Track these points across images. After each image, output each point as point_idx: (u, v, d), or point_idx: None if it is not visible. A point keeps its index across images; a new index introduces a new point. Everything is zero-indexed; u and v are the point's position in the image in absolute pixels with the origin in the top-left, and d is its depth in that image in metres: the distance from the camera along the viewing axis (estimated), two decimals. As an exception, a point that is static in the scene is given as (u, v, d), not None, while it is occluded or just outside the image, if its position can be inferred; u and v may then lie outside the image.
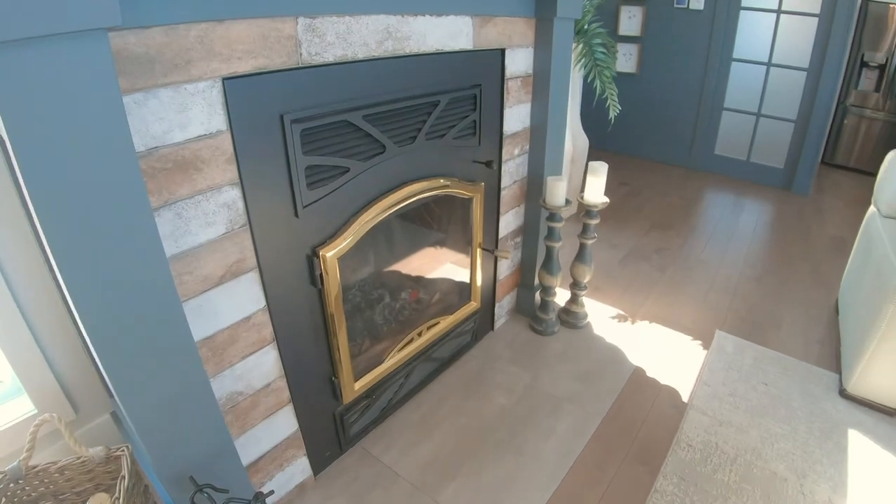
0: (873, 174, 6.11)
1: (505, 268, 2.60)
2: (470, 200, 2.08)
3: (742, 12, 4.88)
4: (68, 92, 0.80)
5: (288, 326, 1.50)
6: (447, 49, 1.67)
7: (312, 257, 1.49)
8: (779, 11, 4.76)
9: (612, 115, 3.37)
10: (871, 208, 2.97)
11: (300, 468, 1.76)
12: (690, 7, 5.00)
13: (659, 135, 5.57)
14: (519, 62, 2.06)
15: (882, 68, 5.74)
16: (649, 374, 2.52)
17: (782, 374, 2.61)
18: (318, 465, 1.84)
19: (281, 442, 1.64)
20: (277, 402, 1.56)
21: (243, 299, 1.35)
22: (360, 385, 1.84)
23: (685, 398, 2.39)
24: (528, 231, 2.62)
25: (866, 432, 2.27)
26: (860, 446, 2.20)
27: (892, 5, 5.45)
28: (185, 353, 1.14)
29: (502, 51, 1.93)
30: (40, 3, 0.72)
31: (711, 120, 5.30)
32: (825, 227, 4.45)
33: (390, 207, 1.66)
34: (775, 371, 2.62)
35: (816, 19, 4.62)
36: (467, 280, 2.30)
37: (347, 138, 1.46)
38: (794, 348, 2.81)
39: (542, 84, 2.17)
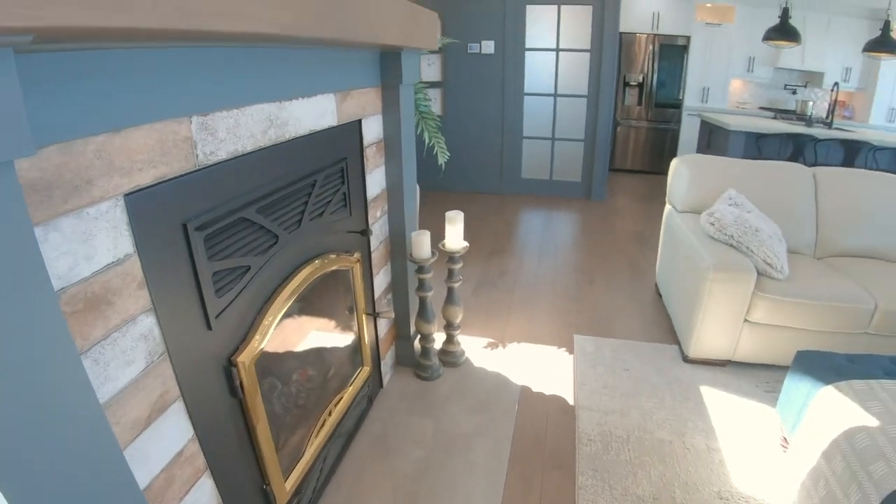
0: (648, 172, 7.29)
1: (383, 325, 2.61)
2: (351, 271, 2.07)
3: (527, 53, 5.61)
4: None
5: (217, 448, 1.37)
6: (318, 128, 1.67)
7: (229, 367, 1.39)
8: (557, 50, 5.58)
9: (441, 161, 3.56)
10: (668, 206, 3.53)
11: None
12: (483, 52, 5.59)
13: (471, 168, 6.00)
14: (372, 130, 2.12)
15: (640, 85, 6.99)
16: (535, 389, 2.69)
17: (636, 358, 2.98)
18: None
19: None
20: (217, 530, 1.41)
21: (173, 434, 1.21)
22: (290, 485, 1.73)
23: (571, 401, 2.61)
24: (397, 286, 2.66)
25: (712, 384, 2.78)
26: (711, 397, 2.68)
27: (637, 34, 6.63)
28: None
29: (359, 121, 1.98)
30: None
31: (514, 148, 5.88)
32: (626, 224, 5.14)
33: (290, 297, 1.61)
34: (630, 356, 2.99)
35: (588, 53, 5.51)
36: (357, 347, 2.28)
37: (245, 235, 1.39)
38: (636, 333, 3.22)
39: (393, 146, 2.26)
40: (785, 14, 5.57)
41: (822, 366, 2.17)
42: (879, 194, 3.30)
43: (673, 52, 7.06)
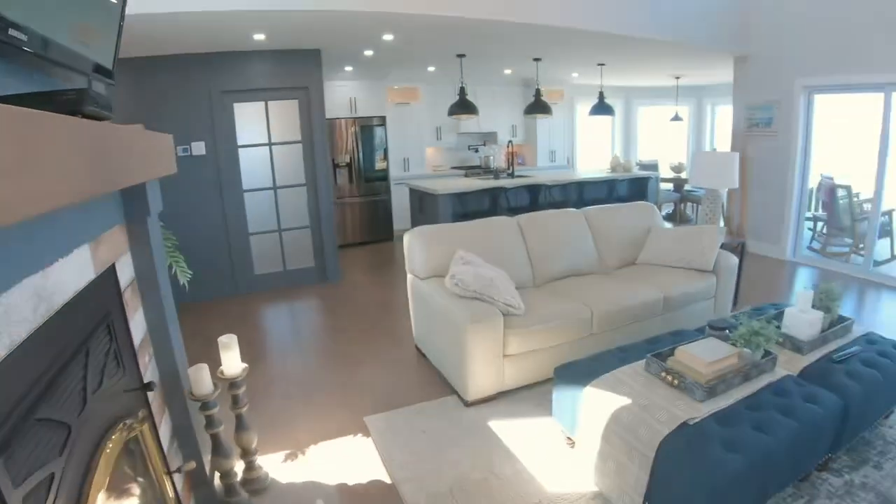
0: (370, 242, 7.75)
1: (177, 479, 2.38)
2: (140, 433, 1.88)
3: (241, 150, 5.58)
4: None
5: None
6: (80, 287, 1.53)
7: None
8: (270, 144, 5.70)
9: (183, 280, 3.38)
10: (410, 276, 3.89)
11: None
12: (194, 153, 5.36)
13: (204, 276, 5.62)
14: (126, 271, 1.97)
15: (349, 165, 7.49)
16: (350, 483, 2.69)
17: (427, 418, 3.19)
18: None
19: None
20: None
21: None
22: None
23: (388, 480, 2.68)
24: (182, 430, 2.45)
25: (496, 417, 3.15)
26: (499, 428, 3.04)
27: (339, 119, 7.13)
28: None
29: (113, 266, 1.84)
30: None
31: (242, 246, 5.75)
32: (369, 297, 5.40)
33: (98, 488, 1.43)
34: (421, 419, 3.19)
35: (301, 144, 5.73)
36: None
37: (40, 439, 1.21)
38: (416, 395, 3.45)
39: (149, 283, 2.12)
40: (462, 92, 6.65)
41: (577, 373, 2.65)
42: (565, 225, 4.20)
43: (372, 131, 7.83)
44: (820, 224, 7.39)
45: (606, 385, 2.49)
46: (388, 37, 5.18)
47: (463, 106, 6.60)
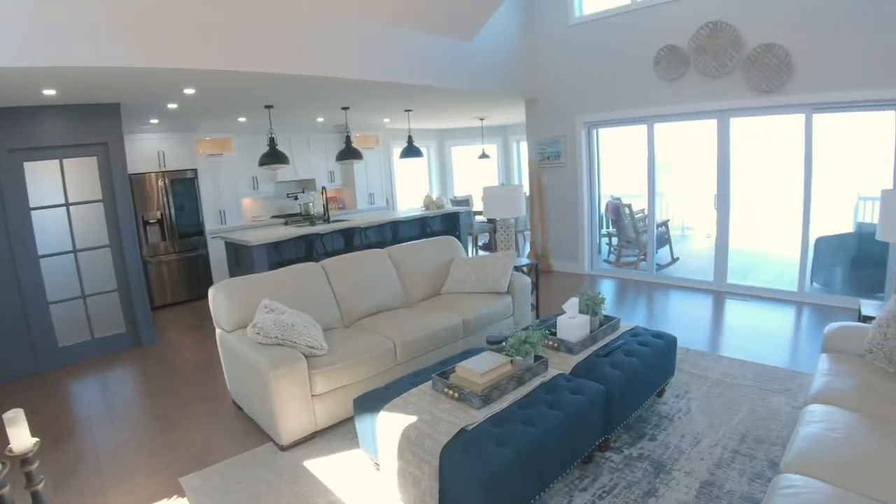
0: (190, 300, 7.46)
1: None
2: None
3: (33, 213, 5.12)
4: None
5: None
6: None
7: None
8: (67, 204, 5.33)
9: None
10: (218, 330, 3.92)
11: None
12: None
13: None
14: None
15: (160, 221, 7.17)
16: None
17: (243, 469, 3.24)
18: None
19: None
20: None
21: None
22: None
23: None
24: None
25: (311, 457, 3.27)
26: (315, 467, 3.16)
27: (147, 174, 6.84)
28: None
29: None
30: None
31: (41, 318, 5.22)
32: (186, 357, 5.28)
33: None
34: (237, 471, 3.22)
35: (102, 203, 5.44)
36: None
37: None
38: (233, 449, 3.49)
39: None
40: (272, 143, 6.74)
41: (373, 400, 2.91)
42: (370, 265, 4.52)
43: (184, 184, 7.58)
44: (615, 239, 8.43)
45: (397, 408, 2.75)
46: (189, 91, 5.19)
47: (273, 156, 6.70)
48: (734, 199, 6.50)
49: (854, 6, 5.20)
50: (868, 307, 3.79)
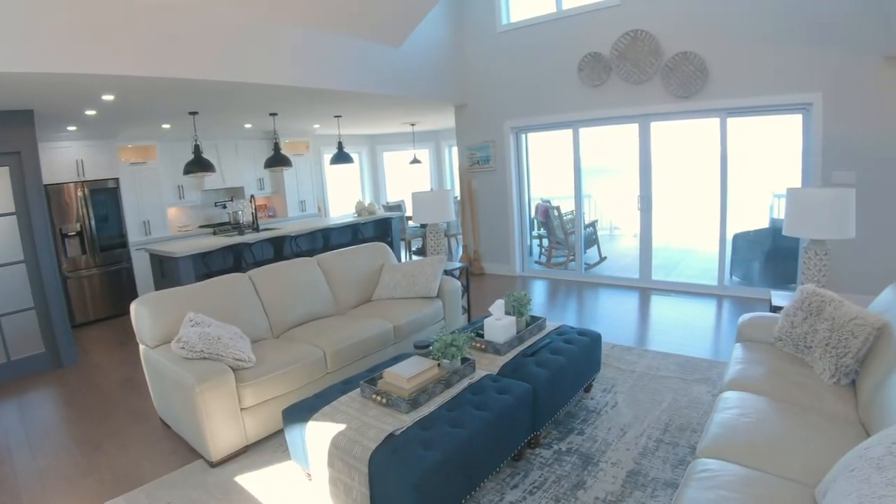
0: (115, 316, 7.15)
1: None
2: None
3: None
4: None
5: None
6: None
7: None
8: None
9: None
10: (141, 346, 3.77)
11: None
12: None
13: None
14: None
15: (80, 234, 6.80)
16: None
17: (172, 488, 3.12)
18: None
19: None
20: None
21: None
22: None
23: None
24: None
25: (243, 471, 3.18)
26: (247, 482, 3.09)
27: (65, 184, 6.49)
28: None
29: None
30: None
31: None
32: (110, 376, 5.04)
33: None
34: (165, 491, 3.09)
35: (15, 216, 5.11)
36: None
37: None
38: (162, 468, 3.34)
39: None
40: (197, 150, 6.51)
41: (302, 410, 2.86)
42: (298, 273, 4.44)
43: (105, 194, 7.22)
44: (545, 241, 8.62)
45: (326, 417, 2.72)
46: (108, 97, 4.97)
47: (199, 164, 6.49)
48: (657, 200, 6.78)
49: (764, 19, 5.57)
50: (778, 298, 4.03)
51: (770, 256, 6.67)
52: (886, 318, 2.70)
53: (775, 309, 3.86)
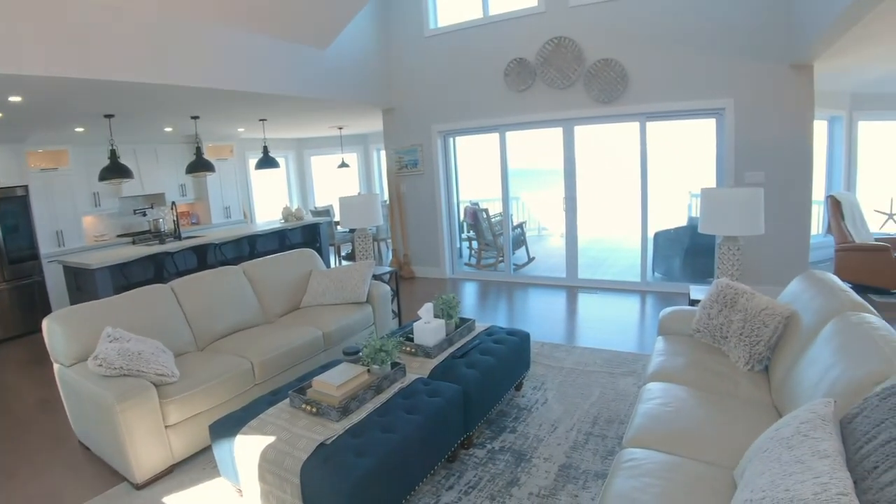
0: (27, 334, 6.67)
1: None
2: None
3: None
4: None
5: None
6: None
7: None
8: None
9: None
10: (56, 365, 3.52)
11: None
12: None
13: None
14: None
15: None
16: None
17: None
18: None
19: None
20: None
21: None
22: None
23: None
24: None
25: (172, 492, 3.02)
26: (173, 502, 2.93)
27: None
28: None
29: None
30: None
31: None
32: (24, 399, 4.70)
33: None
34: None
35: None
36: None
37: None
38: (82, 493, 3.12)
39: None
40: (113, 155, 6.13)
41: (229, 425, 2.75)
42: (223, 283, 4.28)
43: (13, 202, 6.69)
44: (475, 243, 8.69)
45: (254, 430, 2.63)
46: (15, 98, 4.63)
47: (116, 170, 6.14)
48: (582, 201, 6.97)
49: (679, 28, 5.87)
50: (696, 292, 4.21)
51: (689, 253, 6.98)
52: (794, 307, 2.89)
53: (693, 302, 4.03)
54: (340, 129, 10.97)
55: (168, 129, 8.16)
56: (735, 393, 2.71)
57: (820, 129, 7.62)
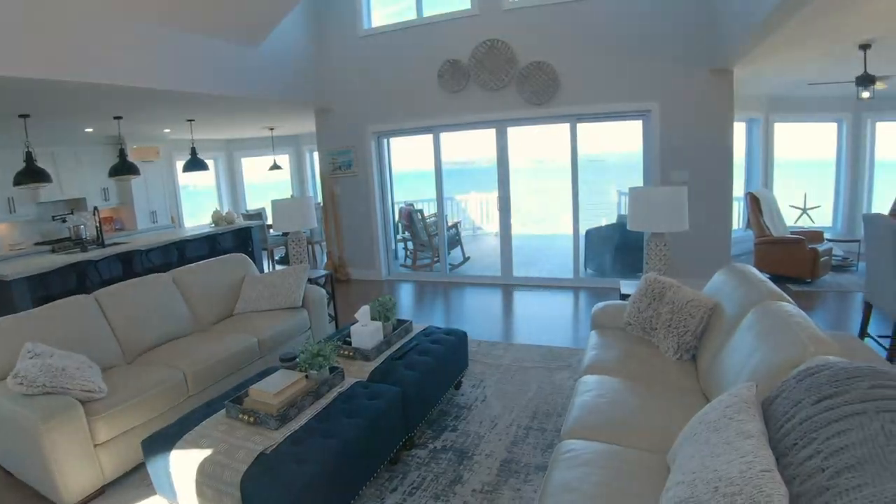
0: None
1: None
2: None
3: None
4: None
5: None
6: None
7: None
8: None
9: None
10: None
11: None
12: None
13: None
14: None
15: None
16: None
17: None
18: None
19: None
20: None
21: None
22: None
23: None
24: None
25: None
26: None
27: None
28: None
29: None
30: None
31: None
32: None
33: None
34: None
35: None
36: None
37: None
38: None
39: None
40: (29, 158, 5.76)
41: (163, 440, 2.63)
42: (151, 292, 4.10)
43: None
44: (410, 244, 8.69)
45: (190, 443, 2.53)
46: None
47: (31, 173, 5.77)
48: (516, 200, 7.09)
49: (607, 33, 6.11)
50: (626, 287, 4.36)
51: (619, 249, 7.22)
52: (717, 298, 3.05)
53: (624, 297, 4.18)
54: (272, 129, 10.74)
55: (89, 130, 7.76)
56: (666, 381, 2.84)
57: (739, 130, 8.06)
